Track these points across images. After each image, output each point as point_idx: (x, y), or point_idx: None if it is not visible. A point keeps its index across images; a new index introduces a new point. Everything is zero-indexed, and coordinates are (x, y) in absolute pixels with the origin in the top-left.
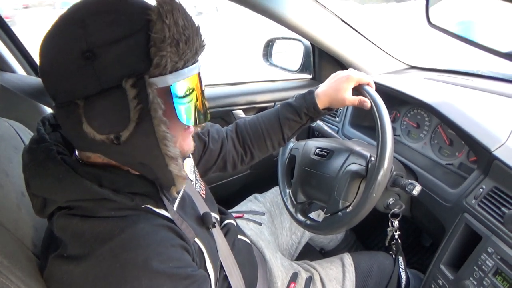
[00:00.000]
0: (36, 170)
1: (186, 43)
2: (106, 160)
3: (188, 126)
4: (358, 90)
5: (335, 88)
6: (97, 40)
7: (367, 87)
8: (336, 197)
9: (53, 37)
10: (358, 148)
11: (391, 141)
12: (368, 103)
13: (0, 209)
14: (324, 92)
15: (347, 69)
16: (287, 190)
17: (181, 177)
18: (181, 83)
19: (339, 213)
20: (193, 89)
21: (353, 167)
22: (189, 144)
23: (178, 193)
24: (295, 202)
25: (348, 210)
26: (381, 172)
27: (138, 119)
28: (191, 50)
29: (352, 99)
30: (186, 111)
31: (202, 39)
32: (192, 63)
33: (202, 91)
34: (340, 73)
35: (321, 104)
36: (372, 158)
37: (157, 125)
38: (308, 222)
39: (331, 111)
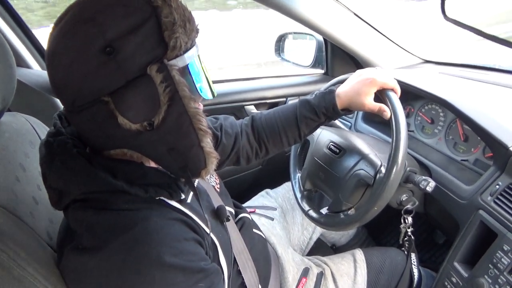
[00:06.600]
0: (53, 162)
1: (190, 23)
2: (128, 155)
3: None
4: (381, 95)
5: (356, 91)
6: (114, 34)
7: (391, 94)
8: (340, 198)
9: (65, 42)
10: (370, 154)
11: (402, 158)
12: (387, 113)
13: (17, 202)
14: (345, 93)
15: (361, 64)
16: (297, 175)
17: (212, 154)
18: (195, 60)
19: (341, 214)
20: (202, 65)
21: (362, 173)
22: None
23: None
24: (302, 188)
25: (349, 213)
26: (387, 189)
27: (168, 101)
28: (194, 29)
29: (372, 106)
30: (203, 86)
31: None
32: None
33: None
34: (364, 74)
35: (340, 104)
36: (382, 169)
37: (187, 103)
38: (311, 212)
39: (350, 112)
